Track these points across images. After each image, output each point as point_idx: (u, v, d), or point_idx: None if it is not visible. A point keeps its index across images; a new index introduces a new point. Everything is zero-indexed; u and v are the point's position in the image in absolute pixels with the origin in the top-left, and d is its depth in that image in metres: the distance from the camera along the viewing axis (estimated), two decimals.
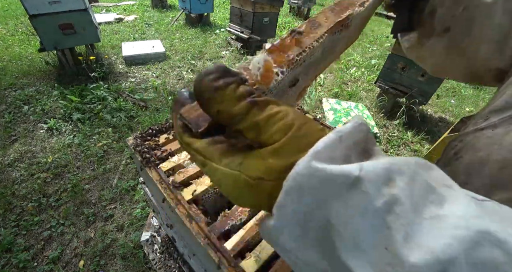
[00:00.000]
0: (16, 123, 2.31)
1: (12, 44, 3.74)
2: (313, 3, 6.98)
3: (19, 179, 1.84)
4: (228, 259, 0.58)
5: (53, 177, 1.89)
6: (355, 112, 2.83)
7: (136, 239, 1.54)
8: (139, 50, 3.64)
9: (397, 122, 2.97)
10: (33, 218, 1.60)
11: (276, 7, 3.94)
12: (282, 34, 4.19)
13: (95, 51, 3.32)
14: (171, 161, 0.79)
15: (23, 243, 1.48)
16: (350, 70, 4.32)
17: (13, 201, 1.69)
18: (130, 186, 1.88)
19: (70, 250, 1.49)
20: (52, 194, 1.77)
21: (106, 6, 6.40)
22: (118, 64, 3.53)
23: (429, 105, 3.46)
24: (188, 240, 0.79)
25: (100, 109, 2.51)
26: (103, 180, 1.92)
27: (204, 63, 3.83)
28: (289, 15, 7.45)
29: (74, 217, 1.66)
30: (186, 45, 4.31)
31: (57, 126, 2.30)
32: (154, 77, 3.33)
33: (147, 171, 0.77)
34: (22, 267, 1.38)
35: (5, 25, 4.50)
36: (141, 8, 6.40)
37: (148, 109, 2.68)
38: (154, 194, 0.97)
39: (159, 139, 0.87)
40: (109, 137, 2.26)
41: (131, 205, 1.76)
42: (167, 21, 5.45)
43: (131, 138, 0.87)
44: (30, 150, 2.07)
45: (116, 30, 4.70)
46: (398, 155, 2.55)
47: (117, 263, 1.45)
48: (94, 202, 1.76)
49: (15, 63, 3.22)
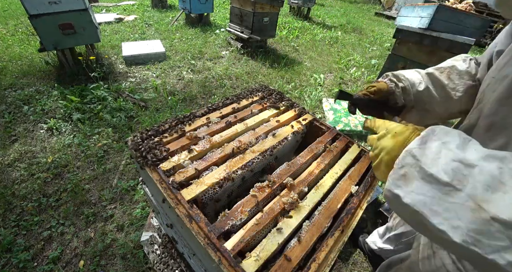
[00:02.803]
0: (16, 123, 2.31)
1: (12, 44, 3.74)
2: (313, 3, 6.98)
3: (19, 179, 1.84)
4: (228, 259, 0.58)
5: (53, 177, 1.89)
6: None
7: (136, 239, 1.54)
8: (139, 50, 3.64)
9: None
10: (33, 218, 1.60)
11: (276, 7, 3.94)
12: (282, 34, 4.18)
13: (95, 51, 3.32)
14: (171, 161, 0.79)
15: (23, 243, 1.48)
16: (350, 70, 4.32)
17: (13, 201, 1.69)
18: (130, 186, 1.88)
19: (70, 250, 1.49)
20: (52, 194, 1.77)
21: (106, 6, 6.39)
22: (118, 64, 3.53)
23: None
24: (188, 240, 0.79)
25: (100, 109, 2.51)
26: (103, 180, 1.92)
27: (204, 63, 3.83)
28: (289, 15, 7.45)
29: (74, 217, 1.66)
30: (186, 45, 4.31)
31: (57, 126, 2.30)
32: (154, 77, 3.33)
33: (147, 171, 0.77)
34: (22, 267, 1.38)
35: (5, 25, 4.50)
36: (141, 8, 6.40)
37: (148, 109, 2.68)
38: (154, 194, 0.97)
39: (159, 139, 0.87)
40: (109, 137, 2.26)
41: (131, 205, 1.76)
42: (167, 21, 5.45)
43: (131, 138, 0.87)
44: (30, 150, 2.07)
45: (116, 30, 4.69)
46: None
47: (117, 263, 1.45)
48: (94, 202, 1.76)
49: (15, 63, 3.22)
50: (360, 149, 1.00)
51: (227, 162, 0.82)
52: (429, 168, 0.39)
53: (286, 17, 7.10)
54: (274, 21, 4.12)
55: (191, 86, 3.21)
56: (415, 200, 0.39)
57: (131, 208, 1.73)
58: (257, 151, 0.87)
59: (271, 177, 0.79)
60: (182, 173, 0.76)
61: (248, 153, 0.86)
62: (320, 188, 0.80)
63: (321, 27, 6.75)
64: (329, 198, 0.79)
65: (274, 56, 4.32)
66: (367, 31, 7.17)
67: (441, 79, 0.79)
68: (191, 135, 0.89)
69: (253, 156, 0.85)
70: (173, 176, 0.74)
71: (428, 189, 0.38)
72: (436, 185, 0.37)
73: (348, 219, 0.74)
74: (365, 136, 2.67)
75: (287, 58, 4.37)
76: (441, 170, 0.37)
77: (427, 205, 0.37)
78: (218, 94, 3.09)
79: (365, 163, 0.94)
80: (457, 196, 0.35)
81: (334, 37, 5.98)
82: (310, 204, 0.75)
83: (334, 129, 1.08)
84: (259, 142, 0.92)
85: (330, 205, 0.76)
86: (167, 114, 2.62)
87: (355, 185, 0.84)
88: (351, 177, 0.87)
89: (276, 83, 3.53)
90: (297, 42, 5.29)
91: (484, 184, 0.34)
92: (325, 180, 0.84)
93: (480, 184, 0.34)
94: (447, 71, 0.80)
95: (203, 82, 3.29)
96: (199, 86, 3.20)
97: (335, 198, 0.78)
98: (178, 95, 2.96)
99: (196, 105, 2.87)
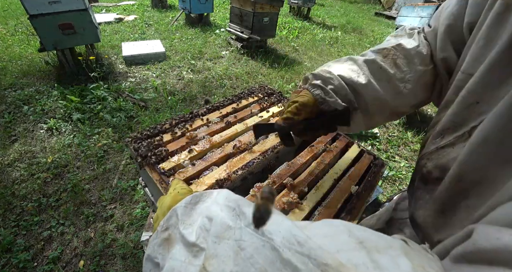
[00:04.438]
0: (16, 123, 2.31)
1: (12, 44, 3.74)
2: (313, 3, 6.98)
3: (19, 179, 1.84)
4: None
5: (53, 177, 1.89)
6: None
7: (136, 239, 1.54)
8: (139, 50, 3.64)
9: (397, 122, 2.97)
10: (33, 218, 1.60)
11: (276, 7, 3.94)
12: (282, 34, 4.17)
13: (95, 51, 3.32)
14: (171, 161, 0.79)
15: (23, 243, 1.48)
16: None
17: (13, 201, 1.69)
18: (130, 186, 1.88)
19: (70, 250, 1.49)
20: (52, 194, 1.77)
21: (106, 6, 6.39)
22: (118, 64, 3.53)
23: (429, 105, 3.46)
24: None
25: (100, 109, 2.51)
26: (103, 180, 1.92)
27: (204, 63, 3.83)
28: (289, 15, 7.45)
29: (74, 217, 1.66)
30: (186, 45, 4.31)
31: (57, 126, 2.30)
32: (154, 77, 3.33)
33: (147, 171, 0.77)
34: (22, 267, 1.38)
35: (5, 25, 4.49)
36: (141, 8, 6.40)
37: (148, 109, 2.68)
38: (154, 194, 0.97)
39: (159, 139, 0.87)
40: (109, 137, 2.26)
41: (131, 205, 1.76)
42: (167, 21, 5.45)
43: (130, 138, 0.87)
44: (30, 150, 2.07)
45: (116, 30, 4.69)
46: (398, 155, 2.55)
47: (117, 263, 1.45)
48: (94, 202, 1.76)
49: (15, 63, 3.22)
50: (360, 149, 1.00)
51: (227, 162, 0.82)
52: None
53: (286, 17, 7.10)
54: (274, 21, 4.12)
55: (191, 86, 3.21)
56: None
57: (131, 208, 1.73)
58: (258, 151, 0.87)
59: (271, 177, 0.79)
60: (182, 173, 0.76)
61: (249, 153, 0.86)
62: (320, 188, 0.80)
63: (321, 27, 6.75)
64: (329, 198, 0.79)
65: (274, 56, 4.32)
66: (367, 31, 7.17)
67: (386, 68, 0.60)
68: (191, 135, 0.89)
69: (253, 156, 0.85)
70: (173, 176, 0.74)
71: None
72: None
73: (348, 219, 0.74)
74: (365, 136, 2.68)
75: (287, 58, 4.37)
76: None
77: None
78: (218, 94, 3.09)
79: (365, 163, 0.94)
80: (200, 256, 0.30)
81: (334, 37, 5.98)
82: (310, 204, 0.75)
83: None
84: (259, 142, 0.92)
85: (330, 205, 0.76)
86: (167, 114, 2.62)
87: (355, 185, 0.84)
88: (351, 177, 0.87)
89: (276, 83, 3.53)
90: (297, 42, 5.29)
91: (214, 236, 0.29)
92: (325, 180, 0.84)
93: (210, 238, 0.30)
94: (392, 54, 0.62)
95: (203, 82, 3.29)
96: (199, 86, 3.20)
97: (335, 198, 0.78)
98: (178, 95, 2.96)
99: (196, 105, 2.87)
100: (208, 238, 0.30)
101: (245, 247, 0.26)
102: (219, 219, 0.30)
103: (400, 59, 0.61)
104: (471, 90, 0.43)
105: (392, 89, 0.61)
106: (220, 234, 0.29)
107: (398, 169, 2.36)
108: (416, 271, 0.21)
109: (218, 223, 0.30)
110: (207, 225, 0.31)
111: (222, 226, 0.30)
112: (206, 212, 0.33)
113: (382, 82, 0.61)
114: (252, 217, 0.25)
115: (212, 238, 0.29)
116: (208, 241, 0.29)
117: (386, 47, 0.63)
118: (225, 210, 0.32)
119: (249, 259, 0.25)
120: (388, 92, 0.61)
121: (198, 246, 0.31)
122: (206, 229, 0.31)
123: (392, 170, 2.34)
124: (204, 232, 0.31)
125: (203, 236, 0.31)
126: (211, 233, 0.30)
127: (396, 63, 0.61)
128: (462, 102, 0.45)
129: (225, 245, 0.27)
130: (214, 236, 0.29)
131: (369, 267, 0.21)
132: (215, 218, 0.31)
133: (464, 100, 0.45)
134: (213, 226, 0.30)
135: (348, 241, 0.24)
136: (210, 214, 0.32)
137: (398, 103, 0.63)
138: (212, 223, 0.31)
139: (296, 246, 0.24)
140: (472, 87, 0.43)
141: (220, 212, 0.32)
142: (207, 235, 0.30)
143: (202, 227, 0.32)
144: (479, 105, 0.42)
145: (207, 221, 0.32)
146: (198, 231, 0.32)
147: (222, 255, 0.27)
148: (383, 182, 2.21)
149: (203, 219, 0.33)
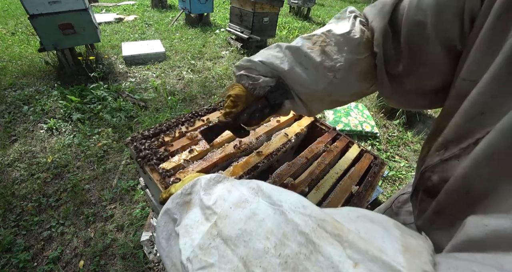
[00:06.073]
0: (16, 123, 2.31)
1: (12, 44, 3.74)
2: (313, 3, 6.98)
3: (19, 179, 1.83)
4: None
5: (53, 177, 1.89)
6: (355, 112, 2.83)
7: (136, 239, 1.54)
8: (139, 50, 3.64)
9: (397, 122, 2.97)
10: (33, 218, 1.60)
11: (276, 7, 3.94)
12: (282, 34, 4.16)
13: (95, 51, 3.32)
14: (171, 161, 0.79)
15: (23, 243, 1.48)
16: None
17: (13, 201, 1.69)
18: (130, 186, 1.87)
19: (70, 250, 1.49)
20: (52, 194, 1.76)
21: (106, 6, 6.39)
22: (118, 64, 3.53)
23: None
24: None
25: (100, 109, 2.51)
26: (103, 180, 1.91)
27: (204, 63, 3.83)
28: (289, 15, 7.45)
29: (74, 217, 1.66)
30: (186, 45, 4.31)
31: (57, 126, 2.29)
32: (154, 77, 3.33)
33: (147, 171, 0.77)
34: (22, 267, 1.38)
35: (5, 25, 4.49)
36: (141, 8, 6.40)
37: (148, 109, 2.68)
38: (154, 194, 0.96)
39: (159, 139, 0.87)
40: (109, 137, 2.26)
41: (131, 205, 1.76)
42: (167, 21, 5.45)
43: (130, 138, 0.87)
44: (30, 150, 2.07)
45: (116, 30, 4.69)
46: (398, 155, 2.55)
47: (117, 263, 1.45)
48: (94, 202, 1.76)
49: (15, 63, 3.22)
50: (360, 149, 1.00)
51: (231, 166, 0.82)
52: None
53: (286, 17, 7.10)
54: (274, 21, 4.12)
55: (191, 86, 3.21)
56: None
57: (131, 208, 1.73)
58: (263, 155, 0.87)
59: (272, 177, 0.79)
60: (182, 173, 0.76)
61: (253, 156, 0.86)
62: (320, 188, 0.80)
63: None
64: (330, 198, 0.79)
65: None
66: None
67: (311, 56, 0.57)
68: (192, 135, 0.89)
69: (258, 160, 0.84)
70: (174, 176, 0.74)
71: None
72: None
73: None
74: (365, 136, 2.68)
75: None
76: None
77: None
78: (218, 94, 3.09)
79: (365, 163, 0.94)
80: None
81: None
82: None
83: (334, 129, 1.08)
84: (263, 145, 0.92)
85: (331, 205, 0.76)
86: (167, 114, 2.62)
87: (355, 185, 0.84)
88: (351, 177, 0.87)
89: None
90: None
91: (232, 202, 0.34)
92: (326, 180, 0.84)
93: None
94: (320, 41, 0.58)
95: (203, 82, 3.29)
96: (199, 86, 3.20)
97: (336, 198, 0.78)
98: (178, 95, 2.96)
99: (196, 105, 2.87)
100: (224, 204, 0.34)
101: (258, 213, 0.30)
102: (238, 193, 0.34)
103: (330, 46, 0.57)
104: (475, 101, 0.40)
105: (322, 77, 0.58)
106: (236, 203, 0.33)
107: (398, 169, 2.37)
108: (404, 237, 0.23)
109: (237, 196, 0.34)
110: (225, 195, 0.36)
111: (240, 198, 0.33)
112: (228, 187, 0.38)
113: (308, 70, 0.58)
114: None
115: (228, 204, 0.33)
116: (223, 206, 0.34)
117: (316, 33, 0.60)
118: (246, 187, 0.35)
119: (260, 222, 0.29)
120: (318, 80, 0.58)
121: (212, 209, 0.35)
122: (223, 199, 0.35)
123: (392, 170, 2.34)
124: (221, 200, 0.35)
125: (219, 203, 0.35)
126: (228, 200, 0.34)
127: (324, 51, 0.57)
128: (465, 114, 0.42)
129: (239, 211, 0.31)
130: (231, 203, 0.33)
131: (361, 232, 0.24)
132: (234, 191, 0.35)
133: (467, 111, 0.42)
134: (231, 196, 0.35)
135: (348, 214, 0.28)
136: (230, 188, 0.37)
137: (333, 92, 0.60)
138: (231, 194, 0.35)
139: (301, 208, 0.28)
140: (475, 97, 0.40)
141: (240, 187, 0.36)
142: (224, 202, 0.34)
143: (221, 196, 0.36)
144: (484, 116, 0.39)
145: (226, 192, 0.36)
146: (216, 198, 0.36)
147: (234, 218, 0.31)
148: (383, 182, 2.22)
149: (223, 190, 0.37)
